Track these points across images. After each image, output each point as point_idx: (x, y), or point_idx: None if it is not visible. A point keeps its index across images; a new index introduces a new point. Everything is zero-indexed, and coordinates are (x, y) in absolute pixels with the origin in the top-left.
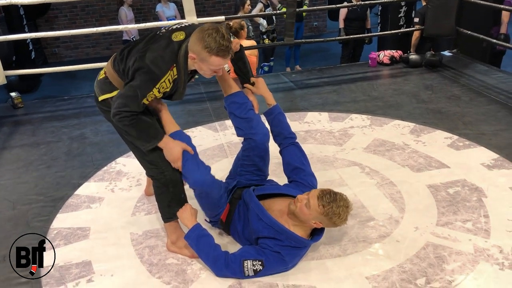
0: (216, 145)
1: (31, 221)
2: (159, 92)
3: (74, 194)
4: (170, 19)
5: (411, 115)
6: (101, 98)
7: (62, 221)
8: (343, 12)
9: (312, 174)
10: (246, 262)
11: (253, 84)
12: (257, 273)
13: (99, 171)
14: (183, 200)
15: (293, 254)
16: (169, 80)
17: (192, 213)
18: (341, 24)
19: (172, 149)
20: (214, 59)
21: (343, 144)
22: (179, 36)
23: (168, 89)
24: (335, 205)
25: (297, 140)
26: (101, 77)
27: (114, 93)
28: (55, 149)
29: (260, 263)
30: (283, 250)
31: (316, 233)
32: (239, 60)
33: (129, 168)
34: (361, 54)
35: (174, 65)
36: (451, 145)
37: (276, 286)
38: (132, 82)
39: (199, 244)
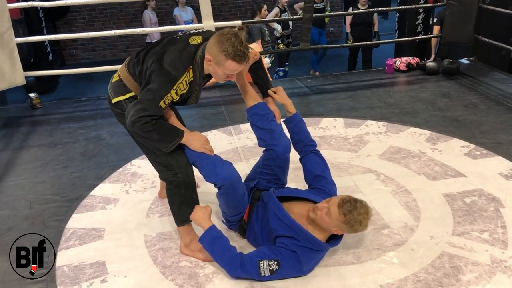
0: (230, 148)
1: (47, 220)
2: (176, 94)
3: (90, 194)
4: (188, 23)
5: (427, 123)
6: (114, 100)
7: (77, 221)
8: (349, 17)
9: (333, 182)
10: (262, 262)
11: (274, 93)
12: (273, 273)
13: (114, 172)
14: (194, 202)
15: (309, 257)
16: (185, 81)
17: (206, 213)
18: (348, 29)
19: (194, 138)
20: (230, 63)
21: (358, 151)
22: (196, 40)
23: (185, 91)
24: (356, 213)
25: (317, 148)
26: (115, 80)
27: (128, 95)
28: (72, 150)
29: (276, 262)
30: (300, 250)
31: (334, 238)
32: (259, 69)
33: (144, 170)
34: (371, 59)
35: (191, 67)
36: (468, 154)
37: None
38: (149, 85)
39: (213, 247)
